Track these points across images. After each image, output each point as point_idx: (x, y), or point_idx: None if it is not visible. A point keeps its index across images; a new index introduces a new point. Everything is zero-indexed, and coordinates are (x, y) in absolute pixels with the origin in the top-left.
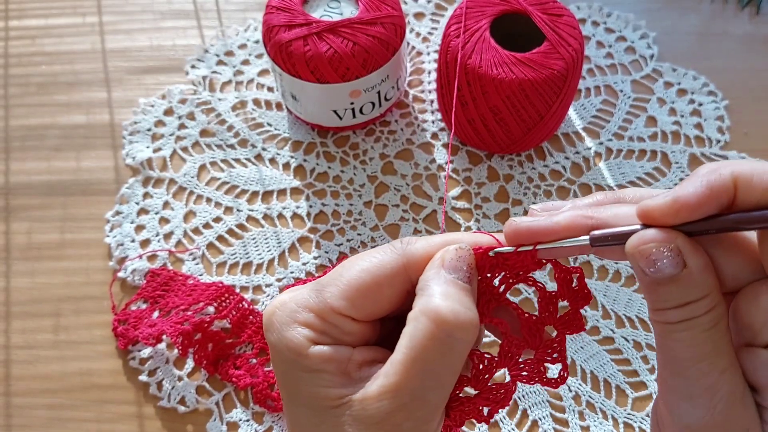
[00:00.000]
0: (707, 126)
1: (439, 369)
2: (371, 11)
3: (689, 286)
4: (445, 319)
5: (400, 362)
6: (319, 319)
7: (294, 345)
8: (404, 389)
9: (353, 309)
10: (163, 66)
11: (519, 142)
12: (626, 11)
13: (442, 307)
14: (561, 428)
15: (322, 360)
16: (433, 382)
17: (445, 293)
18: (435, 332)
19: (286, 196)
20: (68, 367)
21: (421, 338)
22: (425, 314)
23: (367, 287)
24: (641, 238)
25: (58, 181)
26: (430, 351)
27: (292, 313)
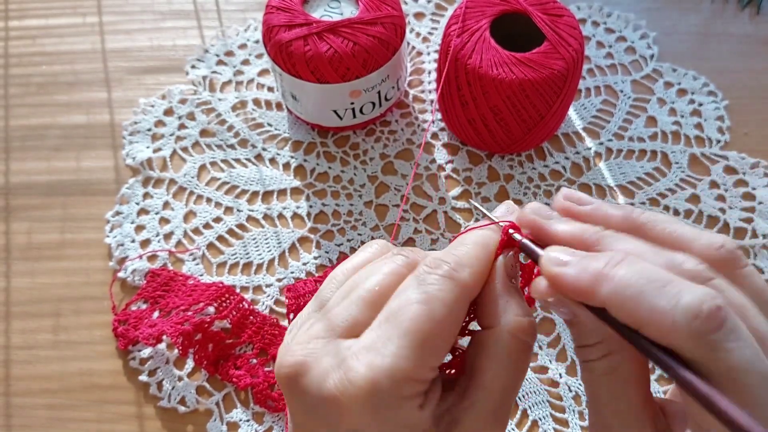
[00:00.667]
0: (707, 126)
1: (524, 375)
2: (371, 11)
3: (582, 331)
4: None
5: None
6: (418, 383)
7: (410, 420)
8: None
9: (439, 357)
10: (163, 66)
11: (519, 142)
12: (626, 11)
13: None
14: (561, 428)
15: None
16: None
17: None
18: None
19: (287, 196)
20: (68, 367)
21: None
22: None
23: (448, 330)
24: (535, 287)
25: (58, 181)
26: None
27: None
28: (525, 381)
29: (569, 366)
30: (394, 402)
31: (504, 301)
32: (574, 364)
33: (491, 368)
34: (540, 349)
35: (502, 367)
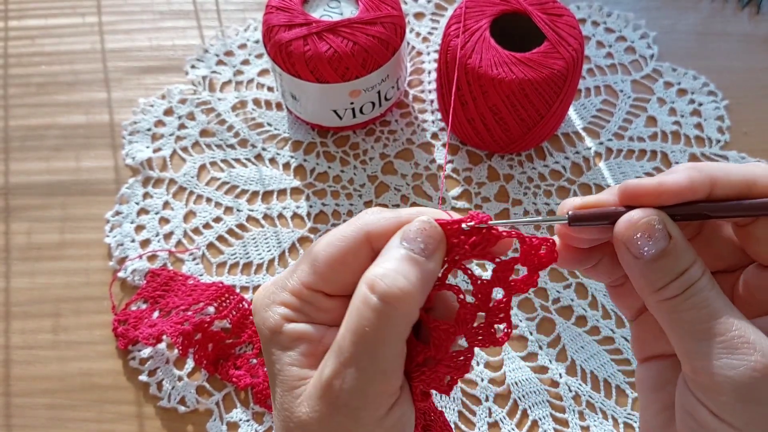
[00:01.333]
0: (707, 126)
1: (379, 338)
2: (371, 11)
3: (679, 254)
4: (378, 287)
5: (343, 337)
6: (294, 298)
7: (270, 324)
8: (349, 364)
9: (323, 282)
10: (163, 66)
11: (519, 142)
12: (626, 11)
13: (378, 275)
14: (561, 428)
15: (293, 338)
16: (376, 354)
17: (390, 263)
18: (370, 300)
19: (286, 196)
20: (68, 367)
21: (359, 306)
22: (364, 281)
23: (333, 259)
24: (631, 218)
25: (57, 181)
26: (368, 319)
27: (270, 294)
28: (525, 381)
29: (569, 366)
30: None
31: (381, 255)
32: (574, 364)
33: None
34: (540, 349)
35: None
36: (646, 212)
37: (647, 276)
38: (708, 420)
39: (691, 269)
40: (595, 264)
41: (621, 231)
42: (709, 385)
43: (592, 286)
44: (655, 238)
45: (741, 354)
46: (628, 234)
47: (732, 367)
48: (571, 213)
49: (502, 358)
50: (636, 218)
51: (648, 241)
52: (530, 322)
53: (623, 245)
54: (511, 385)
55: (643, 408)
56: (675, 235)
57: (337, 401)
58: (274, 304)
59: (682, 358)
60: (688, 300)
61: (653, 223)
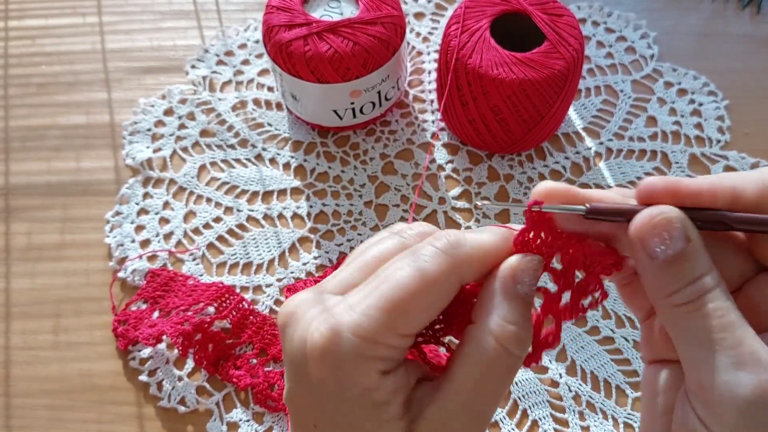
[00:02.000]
0: (707, 126)
1: (504, 388)
2: (371, 11)
3: (696, 259)
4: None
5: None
6: (382, 347)
7: (365, 382)
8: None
9: (411, 326)
10: (163, 66)
11: (519, 142)
12: (626, 11)
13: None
14: (561, 428)
15: (392, 392)
16: (497, 401)
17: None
18: (505, 354)
19: (287, 196)
20: (68, 367)
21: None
22: (493, 336)
23: (426, 301)
24: (651, 212)
25: (58, 181)
26: (501, 373)
27: (355, 348)
28: (525, 381)
29: (569, 366)
30: (351, 359)
31: (497, 300)
32: (575, 364)
33: (464, 364)
34: None
35: (475, 366)
36: (665, 209)
37: (660, 279)
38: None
39: (707, 276)
40: None
41: (638, 226)
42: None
43: None
44: (674, 239)
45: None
46: (645, 231)
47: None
48: (590, 206)
49: None
50: (655, 213)
51: (665, 241)
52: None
53: (638, 243)
54: (511, 385)
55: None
56: (693, 238)
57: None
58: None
59: (687, 369)
60: (701, 308)
61: (672, 219)
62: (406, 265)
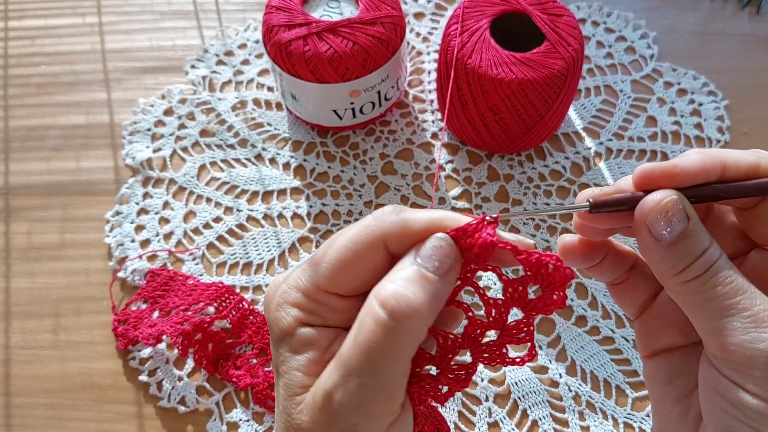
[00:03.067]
0: (707, 126)
1: (385, 355)
2: (371, 11)
3: (698, 235)
4: (388, 303)
5: (348, 349)
6: (308, 299)
7: (283, 325)
8: (352, 379)
9: (337, 285)
10: (163, 66)
11: (519, 142)
12: (626, 11)
13: (389, 291)
14: (561, 428)
15: (304, 343)
16: (380, 368)
17: (403, 279)
18: (379, 315)
19: (286, 196)
20: (68, 367)
21: (367, 321)
22: (374, 295)
23: (348, 261)
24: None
25: (57, 181)
26: (375, 335)
27: (283, 293)
28: (525, 381)
29: (569, 366)
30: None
31: (395, 267)
32: (574, 364)
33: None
34: (540, 349)
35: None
36: (667, 193)
37: (668, 259)
38: (744, 398)
39: (711, 248)
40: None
41: (644, 211)
42: (741, 361)
43: (592, 286)
44: (676, 219)
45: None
46: (650, 215)
47: (761, 340)
48: (592, 200)
49: None
50: (658, 198)
51: (669, 223)
52: None
53: (645, 228)
54: (511, 385)
55: (657, 403)
56: (692, 216)
57: (337, 415)
58: (287, 304)
59: (709, 337)
60: (711, 279)
61: (675, 202)
62: (344, 230)
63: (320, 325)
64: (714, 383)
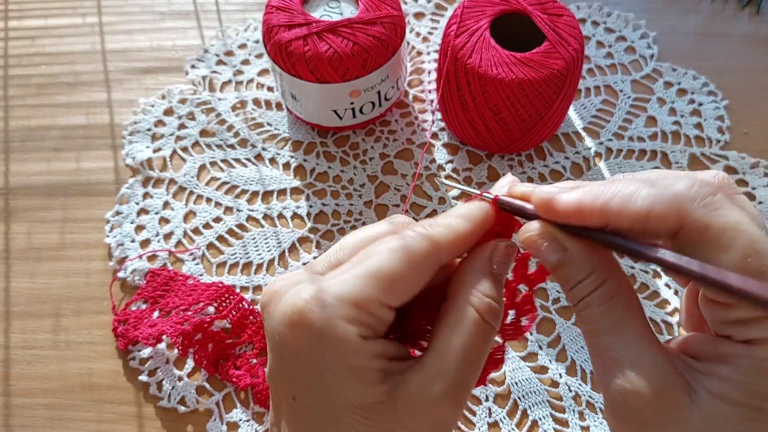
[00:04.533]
0: (707, 126)
1: (482, 357)
2: (371, 11)
3: (572, 267)
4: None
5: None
6: (364, 313)
7: (345, 343)
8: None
9: (394, 297)
10: (163, 66)
11: (519, 142)
12: (626, 11)
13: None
14: (561, 428)
15: (373, 356)
16: (476, 369)
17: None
18: (483, 324)
19: (286, 196)
20: (68, 367)
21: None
22: (473, 305)
23: (407, 275)
24: (525, 229)
25: (58, 181)
26: (479, 342)
27: (334, 308)
28: (525, 381)
29: (569, 366)
30: (333, 320)
31: (475, 277)
32: (575, 364)
33: (445, 334)
34: (540, 349)
35: (457, 334)
36: (535, 228)
37: (558, 279)
38: None
39: (582, 283)
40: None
41: (519, 240)
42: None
43: None
44: (546, 251)
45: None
46: (526, 243)
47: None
48: (500, 198)
49: None
50: (525, 231)
51: (542, 255)
52: None
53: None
54: (511, 385)
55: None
56: (570, 248)
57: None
58: (342, 319)
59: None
60: (581, 312)
61: (537, 241)
62: (392, 241)
63: (375, 338)
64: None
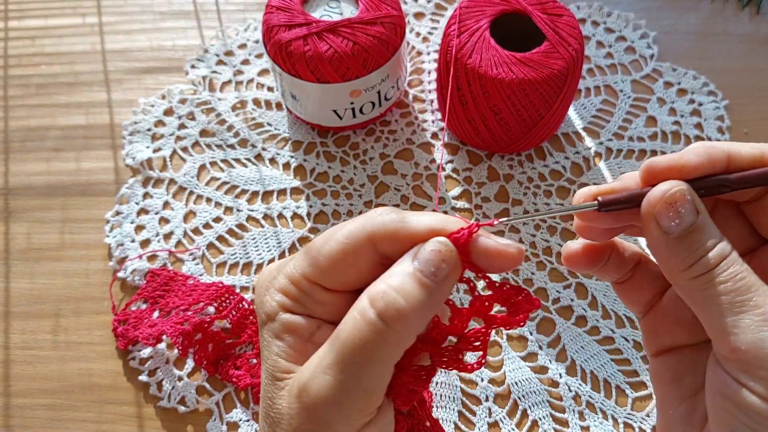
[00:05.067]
0: (707, 126)
1: (369, 355)
2: (371, 11)
3: (707, 228)
4: (378, 303)
5: (332, 343)
6: (293, 287)
7: (267, 309)
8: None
9: (322, 277)
10: (163, 66)
11: (519, 142)
12: (626, 11)
13: (380, 291)
14: (561, 428)
15: (285, 328)
16: (363, 369)
17: (397, 281)
18: (368, 314)
19: (286, 196)
20: (68, 367)
21: (355, 318)
22: (366, 294)
23: (334, 256)
24: (661, 189)
25: (57, 181)
26: (362, 333)
27: (271, 279)
28: (525, 381)
29: (569, 366)
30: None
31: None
32: (574, 364)
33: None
34: (540, 349)
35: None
36: (674, 183)
37: (678, 253)
38: (751, 401)
39: (721, 243)
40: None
41: (651, 203)
42: (751, 360)
43: (591, 286)
44: (685, 210)
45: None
46: (658, 206)
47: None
48: (601, 199)
49: (502, 358)
50: (665, 188)
51: (678, 215)
52: (530, 322)
53: (653, 221)
54: (511, 385)
55: (661, 402)
56: (701, 209)
57: (313, 408)
58: (274, 289)
59: (719, 336)
60: (721, 274)
61: (683, 193)
62: (336, 227)
63: (303, 314)
64: (721, 384)
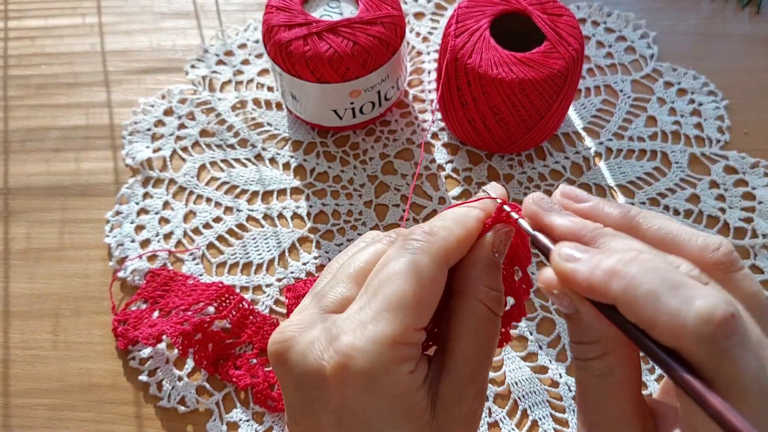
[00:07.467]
0: (707, 126)
1: (495, 346)
2: (371, 11)
3: (580, 327)
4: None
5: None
6: (405, 347)
7: (399, 386)
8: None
9: (422, 318)
10: (163, 66)
11: (519, 142)
12: (626, 11)
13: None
14: (561, 428)
15: (420, 387)
16: (491, 359)
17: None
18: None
19: (286, 196)
20: (68, 367)
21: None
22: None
23: (426, 292)
24: (544, 276)
25: (57, 182)
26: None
27: (378, 354)
28: (525, 381)
29: (569, 366)
30: (381, 368)
31: (480, 270)
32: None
33: (462, 333)
34: (540, 349)
35: (473, 332)
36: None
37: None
38: None
39: (587, 346)
40: None
41: (539, 280)
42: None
43: None
44: (563, 303)
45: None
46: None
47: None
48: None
49: (502, 358)
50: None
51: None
52: (530, 322)
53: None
54: (511, 385)
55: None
56: (581, 310)
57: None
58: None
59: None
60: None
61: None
62: (400, 262)
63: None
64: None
